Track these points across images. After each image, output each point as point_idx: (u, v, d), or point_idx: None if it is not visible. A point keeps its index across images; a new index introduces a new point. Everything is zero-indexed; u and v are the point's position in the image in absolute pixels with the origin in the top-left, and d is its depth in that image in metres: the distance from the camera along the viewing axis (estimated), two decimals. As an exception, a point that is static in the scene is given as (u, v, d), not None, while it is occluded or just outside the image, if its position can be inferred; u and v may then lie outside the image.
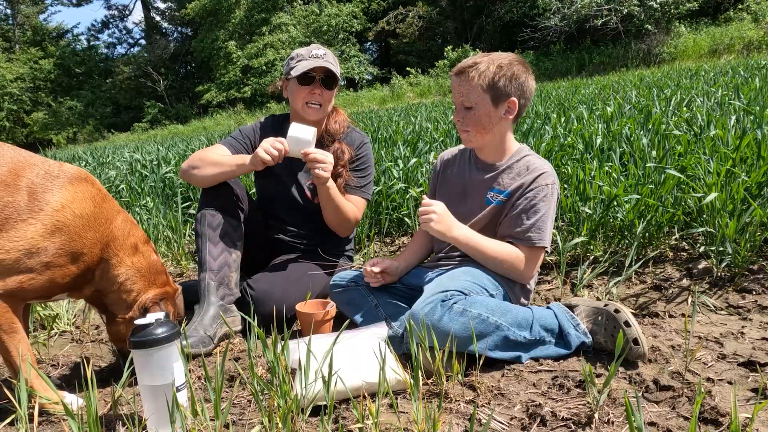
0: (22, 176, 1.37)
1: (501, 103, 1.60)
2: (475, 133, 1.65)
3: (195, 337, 1.74)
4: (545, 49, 20.34)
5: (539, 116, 5.03)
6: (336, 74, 2.02)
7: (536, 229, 1.60)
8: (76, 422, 1.09)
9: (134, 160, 6.82)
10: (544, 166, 1.66)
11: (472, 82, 1.58)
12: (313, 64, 1.97)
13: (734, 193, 2.03)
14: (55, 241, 1.36)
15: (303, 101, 2.02)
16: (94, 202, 1.46)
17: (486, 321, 1.46)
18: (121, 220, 1.52)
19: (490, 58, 1.59)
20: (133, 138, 25.17)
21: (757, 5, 16.58)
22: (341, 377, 1.34)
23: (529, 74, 1.63)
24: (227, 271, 1.92)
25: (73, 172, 1.46)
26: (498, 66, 1.57)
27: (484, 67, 1.57)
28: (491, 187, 1.70)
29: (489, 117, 1.61)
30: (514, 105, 1.62)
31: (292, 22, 28.61)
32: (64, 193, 1.40)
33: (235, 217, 2.00)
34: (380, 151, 4.09)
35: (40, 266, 1.35)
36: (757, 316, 1.69)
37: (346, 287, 1.86)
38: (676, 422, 1.19)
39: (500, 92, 1.58)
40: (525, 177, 1.65)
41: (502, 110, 1.62)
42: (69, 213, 1.39)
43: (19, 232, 1.32)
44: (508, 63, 1.59)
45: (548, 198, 1.62)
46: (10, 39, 36.16)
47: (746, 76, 6.61)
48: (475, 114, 1.61)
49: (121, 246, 1.50)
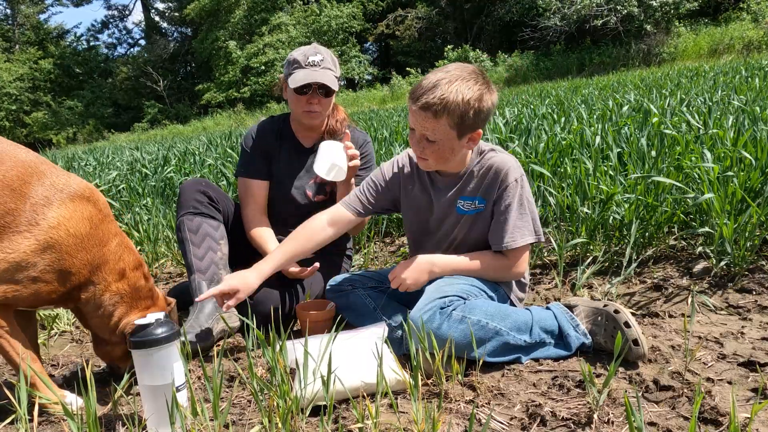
0: (29, 183, 1.35)
1: (465, 134, 1.52)
2: (435, 162, 1.58)
3: (192, 334, 1.76)
4: (545, 49, 20.36)
5: (538, 116, 5.04)
6: (332, 85, 1.98)
7: (515, 229, 1.59)
8: (76, 422, 1.09)
9: (134, 159, 6.82)
10: (507, 162, 1.61)
11: (440, 121, 1.46)
12: (309, 79, 1.93)
13: (731, 193, 2.03)
14: (45, 258, 1.34)
15: (301, 109, 2.02)
16: (92, 222, 1.43)
17: (486, 327, 1.46)
18: (115, 244, 1.49)
19: (456, 90, 1.44)
20: (133, 138, 25.16)
21: (757, 5, 16.58)
22: (340, 377, 1.34)
23: (492, 92, 1.52)
24: (215, 269, 1.93)
25: (77, 188, 1.43)
26: (466, 102, 1.44)
27: (452, 104, 1.43)
28: (460, 196, 1.66)
29: (452, 149, 1.54)
30: (478, 136, 1.55)
31: (292, 22, 28.59)
32: (62, 210, 1.38)
33: (213, 217, 2.02)
34: (380, 151, 4.09)
35: (27, 280, 1.33)
36: (757, 316, 1.69)
37: (344, 290, 1.86)
38: (676, 422, 1.19)
39: (467, 127, 1.50)
40: (491, 179, 1.61)
41: (465, 140, 1.54)
42: (63, 231, 1.37)
43: (12, 243, 1.31)
44: (477, 96, 1.46)
45: (519, 194, 1.60)
46: (10, 39, 36.15)
47: (746, 76, 6.61)
48: (438, 147, 1.52)
49: (110, 270, 1.47)
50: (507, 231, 1.59)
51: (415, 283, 1.60)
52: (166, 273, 2.94)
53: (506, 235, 1.59)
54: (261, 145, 2.15)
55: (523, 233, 1.60)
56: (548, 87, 12.25)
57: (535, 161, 2.98)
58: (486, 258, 1.64)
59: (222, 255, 1.98)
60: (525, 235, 1.60)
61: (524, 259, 1.64)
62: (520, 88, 15.45)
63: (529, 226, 1.61)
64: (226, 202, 2.11)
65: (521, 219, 1.60)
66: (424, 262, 1.62)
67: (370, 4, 29.23)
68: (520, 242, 1.59)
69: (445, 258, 1.65)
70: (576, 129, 3.64)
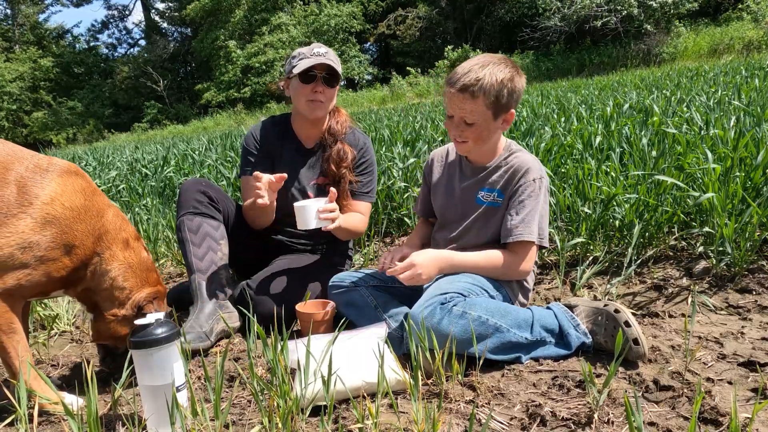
0: (11, 170, 1.36)
1: (501, 115, 1.62)
2: (474, 144, 1.66)
3: (192, 334, 1.75)
4: (545, 49, 20.36)
5: (539, 117, 5.04)
6: (337, 71, 2.03)
7: (524, 224, 1.62)
8: (76, 422, 1.09)
9: (134, 159, 6.82)
10: (529, 162, 1.68)
11: (477, 101, 1.57)
12: (315, 62, 1.97)
13: (732, 193, 2.03)
14: (46, 234, 1.35)
15: (305, 99, 2.02)
16: (85, 194, 1.45)
17: (486, 323, 1.46)
18: (112, 213, 1.51)
19: (491, 72, 1.56)
20: (133, 138, 25.16)
21: (756, 5, 16.58)
22: (341, 377, 1.34)
23: (521, 75, 1.64)
24: (215, 269, 1.94)
25: (63, 165, 1.45)
26: (501, 81, 1.56)
27: (488, 82, 1.55)
28: (482, 187, 1.73)
29: (488, 130, 1.64)
30: (512, 117, 1.65)
31: (292, 22, 28.59)
32: (53, 185, 1.39)
33: (213, 217, 2.02)
34: (380, 150, 4.09)
35: (35, 261, 1.34)
36: (757, 316, 1.69)
37: (346, 288, 1.86)
38: (676, 422, 1.19)
39: (502, 107, 1.60)
40: (512, 175, 1.68)
41: (500, 121, 1.64)
42: (59, 205, 1.38)
43: (9, 227, 1.31)
44: (510, 77, 1.58)
45: (535, 193, 1.64)
46: (10, 39, 36.14)
47: (746, 76, 6.61)
48: (475, 129, 1.62)
49: (113, 240, 1.48)
50: (516, 224, 1.63)
51: (428, 276, 1.59)
52: (167, 273, 2.94)
53: (515, 228, 1.63)
54: (262, 145, 2.15)
55: (532, 230, 1.62)
56: (548, 87, 12.25)
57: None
58: (492, 255, 1.65)
59: (222, 255, 1.99)
60: (533, 233, 1.63)
61: (530, 258, 1.66)
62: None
63: (535, 227, 1.63)
64: (226, 202, 2.11)
65: (532, 217, 1.63)
66: (435, 254, 1.63)
67: (371, 4, 29.23)
68: (527, 237, 1.61)
69: (453, 254, 1.66)
70: (576, 129, 3.64)
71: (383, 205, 3.13)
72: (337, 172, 2.09)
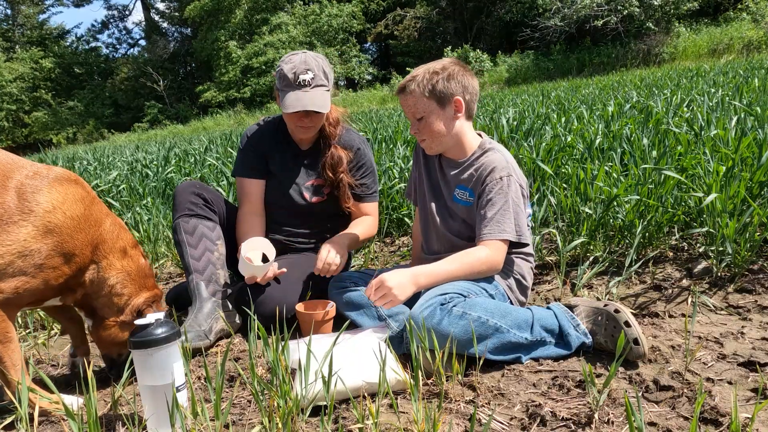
0: (11, 177, 1.36)
1: (447, 104, 1.66)
2: (432, 140, 1.70)
3: (191, 333, 1.76)
4: (545, 49, 20.36)
5: (539, 117, 5.03)
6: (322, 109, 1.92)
7: (495, 222, 1.61)
8: (77, 422, 1.09)
9: (134, 160, 6.82)
10: (495, 161, 1.67)
11: (415, 94, 1.65)
12: (299, 106, 1.88)
13: (733, 193, 2.03)
14: (47, 243, 1.35)
15: (294, 125, 2.01)
16: (84, 203, 1.45)
17: (486, 323, 1.46)
18: (109, 223, 1.51)
19: (425, 68, 1.67)
20: (133, 138, 25.17)
21: (756, 5, 16.58)
22: (341, 377, 1.34)
23: (467, 72, 1.69)
24: (213, 269, 1.94)
25: (62, 173, 1.45)
26: (433, 72, 1.64)
27: (421, 76, 1.65)
28: (458, 184, 1.75)
29: (440, 120, 1.67)
30: (459, 103, 1.67)
31: (293, 22, 28.59)
32: (54, 194, 1.39)
33: (209, 218, 2.02)
34: (380, 150, 4.09)
35: (34, 269, 1.33)
36: (757, 316, 1.69)
37: (346, 288, 1.86)
38: (676, 422, 1.19)
39: (442, 94, 1.64)
40: (480, 175, 1.69)
41: (451, 111, 1.67)
42: (60, 214, 1.38)
43: (10, 235, 1.31)
44: (442, 67, 1.66)
45: (503, 191, 1.63)
46: (10, 39, 36.15)
47: (746, 76, 6.61)
48: (427, 122, 1.67)
49: (110, 249, 1.49)
50: (485, 224, 1.62)
51: (402, 294, 1.51)
52: (167, 273, 2.94)
53: (485, 227, 1.62)
54: (257, 146, 2.14)
55: (502, 228, 1.61)
56: (548, 87, 12.25)
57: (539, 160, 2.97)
58: (468, 256, 1.61)
59: (219, 255, 1.99)
60: (504, 231, 1.61)
61: (500, 254, 1.63)
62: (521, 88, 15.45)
63: (510, 224, 1.62)
64: (221, 204, 2.11)
65: (501, 215, 1.62)
66: (407, 273, 1.56)
67: (371, 3, 29.23)
68: (496, 236, 1.61)
69: (426, 267, 1.61)
70: (576, 129, 3.64)
71: (383, 205, 3.13)
72: (335, 178, 2.09)
